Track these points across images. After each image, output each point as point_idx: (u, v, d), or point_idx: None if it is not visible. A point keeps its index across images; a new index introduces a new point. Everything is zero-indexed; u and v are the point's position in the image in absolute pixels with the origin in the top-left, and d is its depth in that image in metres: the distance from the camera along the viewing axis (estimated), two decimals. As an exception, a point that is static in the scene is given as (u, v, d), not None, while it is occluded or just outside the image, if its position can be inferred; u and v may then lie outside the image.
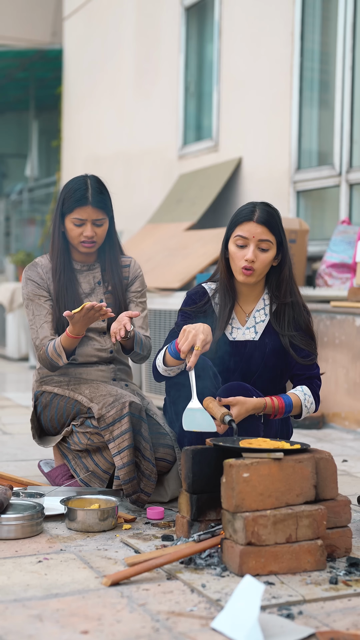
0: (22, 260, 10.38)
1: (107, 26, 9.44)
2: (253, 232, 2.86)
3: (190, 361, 2.67)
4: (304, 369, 2.96)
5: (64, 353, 3.11)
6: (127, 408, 2.98)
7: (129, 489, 2.95)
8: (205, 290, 3.04)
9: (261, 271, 2.91)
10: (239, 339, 2.99)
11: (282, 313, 2.97)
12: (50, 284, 3.25)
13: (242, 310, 3.02)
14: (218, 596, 2.16)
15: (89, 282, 3.30)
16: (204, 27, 7.66)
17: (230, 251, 2.92)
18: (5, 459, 3.93)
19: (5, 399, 6.08)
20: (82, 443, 3.09)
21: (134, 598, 2.16)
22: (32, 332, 3.24)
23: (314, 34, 6.23)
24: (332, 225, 5.99)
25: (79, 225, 3.19)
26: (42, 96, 12.96)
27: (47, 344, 3.16)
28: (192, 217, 6.71)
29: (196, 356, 2.67)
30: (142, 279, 3.38)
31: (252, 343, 2.98)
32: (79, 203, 3.16)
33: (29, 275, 3.28)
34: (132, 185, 8.65)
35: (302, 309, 2.99)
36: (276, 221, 2.90)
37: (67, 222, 3.21)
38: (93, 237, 3.21)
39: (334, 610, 2.12)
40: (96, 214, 3.19)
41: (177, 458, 3.11)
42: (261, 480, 2.35)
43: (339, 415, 4.94)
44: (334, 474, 2.50)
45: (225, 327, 2.98)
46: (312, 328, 2.99)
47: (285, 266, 2.96)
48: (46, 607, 2.10)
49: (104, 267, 3.33)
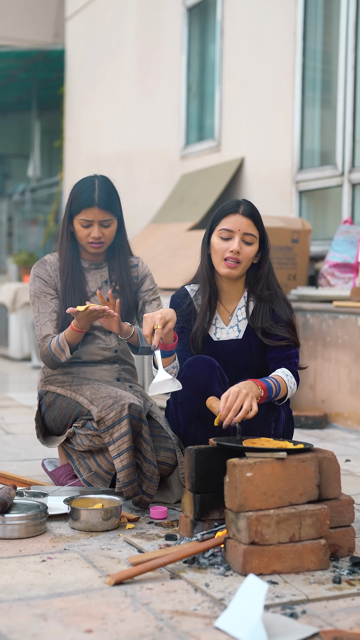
0: (25, 260, 10.38)
1: (109, 26, 9.44)
2: (239, 225, 2.89)
3: (154, 340, 2.70)
4: (279, 351, 2.92)
5: (67, 347, 3.12)
6: (126, 410, 2.97)
7: (129, 491, 2.94)
8: (187, 292, 3.06)
9: (245, 265, 2.92)
10: (223, 338, 3.00)
11: (258, 308, 2.97)
12: (58, 282, 3.27)
13: (225, 310, 3.03)
14: (221, 595, 2.16)
15: (96, 280, 3.32)
16: (206, 27, 7.66)
17: (214, 244, 2.93)
18: (8, 458, 3.94)
19: (8, 399, 6.08)
20: (84, 444, 3.10)
21: (137, 597, 2.17)
22: (36, 329, 3.26)
23: (316, 34, 6.23)
24: (335, 225, 5.99)
25: (87, 226, 3.21)
26: (45, 96, 12.97)
27: (50, 341, 3.17)
28: (194, 217, 6.71)
29: (158, 334, 2.70)
30: (151, 277, 3.41)
31: (236, 342, 2.99)
32: (86, 204, 3.18)
33: (37, 272, 3.30)
34: (134, 185, 8.65)
35: (283, 301, 2.98)
36: (259, 217, 2.95)
37: (75, 222, 3.23)
38: (100, 237, 3.22)
39: (337, 609, 2.12)
40: (103, 215, 3.20)
41: (178, 462, 3.11)
42: (264, 480, 2.36)
43: (342, 415, 4.94)
44: (337, 474, 2.50)
45: (209, 328, 2.99)
46: (293, 321, 2.96)
47: (265, 263, 2.97)
48: (50, 606, 2.10)
49: (112, 267, 3.35)
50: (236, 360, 2.98)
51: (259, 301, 2.98)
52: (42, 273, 3.29)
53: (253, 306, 3.00)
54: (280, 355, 2.92)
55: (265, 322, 2.94)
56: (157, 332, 2.70)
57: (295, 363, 2.92)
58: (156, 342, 2.71)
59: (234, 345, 2.98)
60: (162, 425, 3.14)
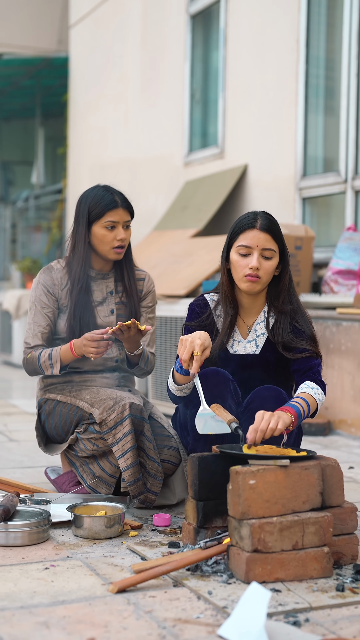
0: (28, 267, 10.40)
1: (113, 34, 9.47)
2: (257, 241, 2.83)
3: (193, 367, 2.67)
4: (302, 363, 2.90)
5: (59, 365, 3.17)
6: (127, 410, 3.00)
7: (134, 490, 2.97)
8: (207, 301, 3.01)
9: (266, 280, 2.88)
10: (240, 352, 2.97)
11: (279, 322, 2.94)
12: (62, 290, 3.27)
13: (244, 323, 2.99)
14: (224, 603, 2.16)
15: (101, 290, 3.32)
16: (210, 34, 7.68)
17: (233, 260, 2.88)
18: (11, 466, 3.94)
19: (12, 406, 6.08)
20: (88, 449, 3.10)
21: (140, 605, 2.16)
22: (26, 334, 3.30)
23: (319, 41, 6.24)
24: (338, 232, 5.99)
25: (112, 228, 3.22)
26: (48, 104, 13.00)
27: (41, 351, 3.21)
28: (197, 224, 6.72)
29: (197, 362, 2.67)
30: (154, 295, 3.42)
31: (253, 357, 2.96)
32: (110, 206, 3.21)
33: (41, 279, 3.30)
34: (138, 192, 8.66)
35: (304, 316, 2.96)
36: (278, 229, 2.89)
37: (98, 228, 3.22)
38: (125, 239, 3.24)
39: (340, 617, 2.11)
40: (126, 215, 3.25)
41: (181, 459, 3.13)
42: (267, 487, 2.35)
43: (345, 422, 4.93)
44: (340, 481, 2.50)
45: (227, 341, 2.96)
46: (314, 335, 2.95)
47: (286, 276, 2.94)
48: (53, 614, 2.10)
49: (118, 277, 3.35)
50: (251, 375, 2.95)
51: (280, 315, 2.94)
52: (46, 280, 3.29)
53: (274, 321, 2.96)
54: (304, 367, 2.89)
55: (286, 336, 2.91)
56: (196, 360, 2.67)
57: (318, 372, 2.89)
58: (195, 370, 2.67)
59: (250, 359, 2.96)
60: (163, 425, 3.17)
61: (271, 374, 2.95)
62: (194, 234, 6.62)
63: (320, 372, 2.90)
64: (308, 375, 2.86)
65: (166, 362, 5.41)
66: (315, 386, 2.81)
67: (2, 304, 9.50)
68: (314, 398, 2.77)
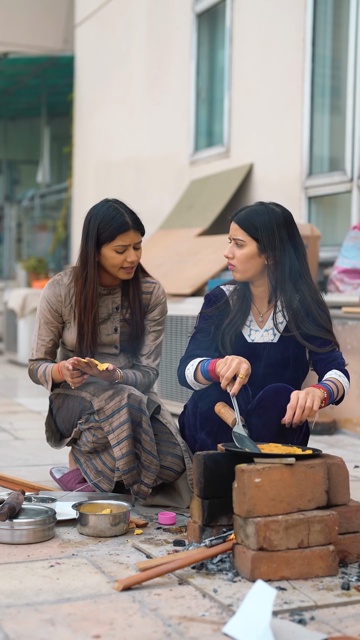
0: (34, 266, 10.40)
1: (119, 33, 9.47)
2: (231, 232, 2.98)
3: (234, 388, 2.70)
4: (325, 353, 2.94)
5: (50, 384, 3.19)
6: (125, 399, 3.00)
7: (128, 479, 2.98)
8: (223, 291, 3.08)
9: (242, 267, 2.93)
10: (258, 340, 3.00)
11: (289, 314, 2.96)
12: (64, 307, 3.23)
13: (258, 313, 3.04)
14: (230, 601, 2.16)
15: (107, 306, 3.25)
16: (215, 33, 7.68)
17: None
18: (17, 464, 3.94)
19: (17, 404, 6.09)
20: (89, 442, 3.11)
21: (145, 603, 2.16)
22: (32, 345, 3.34)
23: (326, 40, 6.23)
24: (344, 231, 5.99)
25: (122, 252, 3.12)
26: (54, 103, 13.01)
27: (39, 365, 3.25)
28: (203, 223, 6.72)
29: (240, 384, 2.70)
30: (163, 306, 3.33)
31: (270, 345, 2.99)
32: (122, 229, 3.08)
33: (46, 293, 3.25)
34: (143, 191, 8.66)
35: (315, 303, 2.96)
36: (250, 220, 2.91)
37: (107, 250, 3.11)
38: (135, 260, 3.15)
39: (346, 616, 2.11)
40: (137, 237, 3.14)
41: (185, 468, 3.11)
42: (273, 486, 2.35)
43: (351, 421, 4.92)
44: (345, 480, 2.50)
45: (242, 326, 3.00)
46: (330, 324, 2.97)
47: (280, 264, 2.92)
48: (58, 611, 2.10)
49: (125, 292, 3.27)
50: (268, 363, 2.97)
51: (290, 304, 2.95)
52: (50, 297, 3.23)
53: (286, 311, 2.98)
54: (328, 357, 2.93)
55: (301, 327, 2.95)
56: (239, 382, 2.70)
57: (343, 364, 2.94)
58: (236, 391, 2.71)
59: (268, 348, 2.99)
60: (171, 432, 3.14)
61: (288, 364, 2.97)
62: (200, 233, 6.62)
63: (344, 364, 2.95)
64: (333, 365, 2.91)
65: (172, 361, 5.41)
66: (341, 374, 2.87)
67: (8, 303, 9.50)
68: (342, 384, 2.83)
